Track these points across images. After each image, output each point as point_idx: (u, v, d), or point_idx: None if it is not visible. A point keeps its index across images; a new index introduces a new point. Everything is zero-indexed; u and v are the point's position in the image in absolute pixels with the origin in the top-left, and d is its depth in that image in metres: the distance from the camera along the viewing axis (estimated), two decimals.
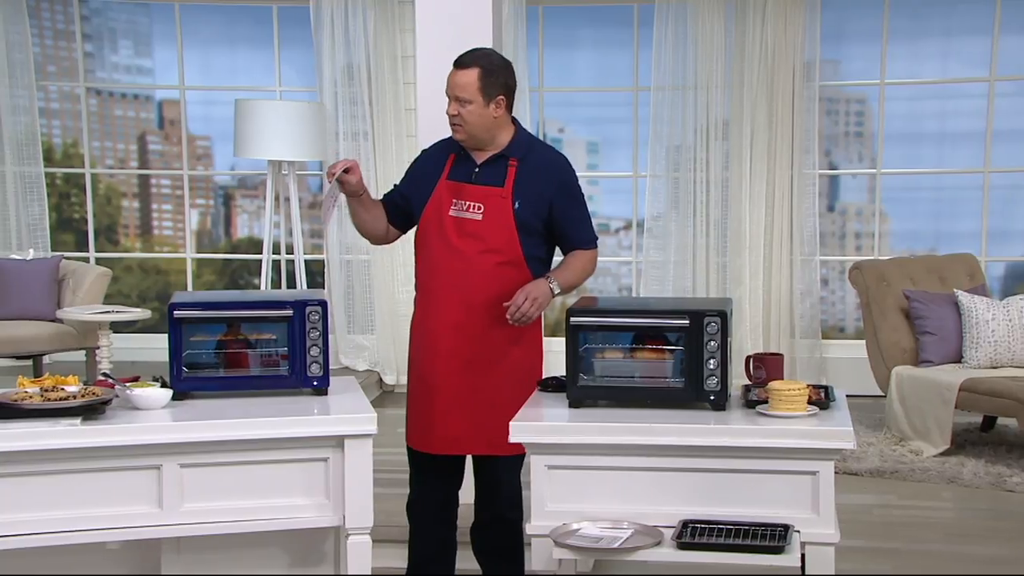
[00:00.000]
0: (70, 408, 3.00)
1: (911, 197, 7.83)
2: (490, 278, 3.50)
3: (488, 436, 3.48)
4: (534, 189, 3.53)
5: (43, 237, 7.97)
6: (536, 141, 3.71)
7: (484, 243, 3.51)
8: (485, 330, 3.51)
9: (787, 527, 2.97)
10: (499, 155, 3.56)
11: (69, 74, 8.22)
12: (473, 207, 3.53)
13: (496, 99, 3.52)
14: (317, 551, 3.43)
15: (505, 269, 3.50)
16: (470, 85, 3.48)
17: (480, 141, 3.56)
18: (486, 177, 3.55)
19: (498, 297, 3.49)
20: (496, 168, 3.55)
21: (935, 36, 7.62)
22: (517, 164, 3.54)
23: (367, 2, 7.51)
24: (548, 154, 3.65)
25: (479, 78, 3.48)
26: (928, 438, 5.90)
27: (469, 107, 3.49)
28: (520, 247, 3.51)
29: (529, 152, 3.58)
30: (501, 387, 3.51)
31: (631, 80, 7.86)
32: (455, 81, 3.51)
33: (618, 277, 8.15)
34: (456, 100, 3.51)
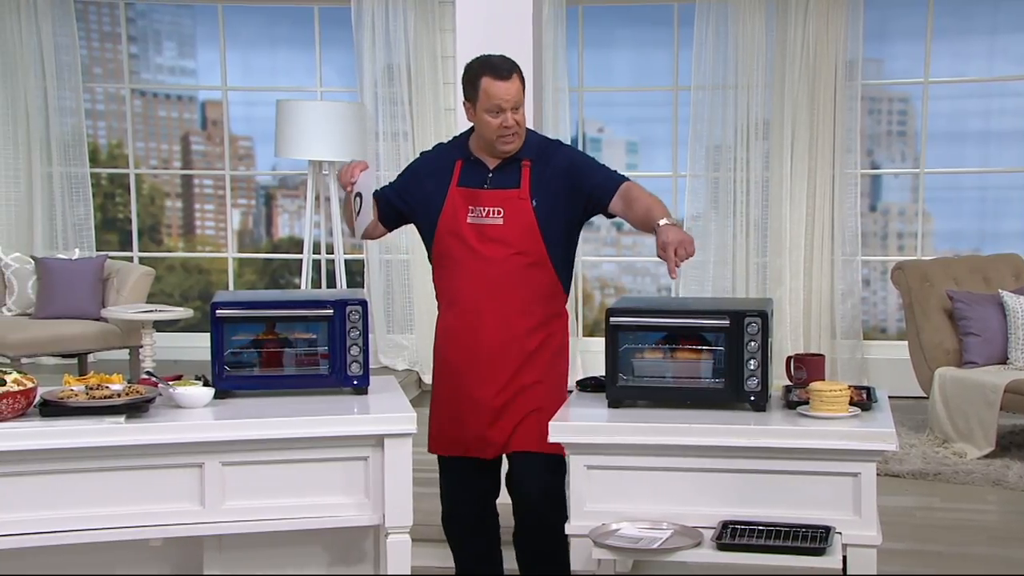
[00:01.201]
0: (114, 406, 3.04)
1: (955, 197, 7.75)
2: (521, 281, 3.48)
3: (529, 436, 3.47)
4: (549, 188, 3.51)
5: (88, 237, 8.07)
6: (540, 138, 3.67)
7: (510, 247, 3.48)
8: (523, 334, 3.49)
9: (828, 529, 2.95)
10: (512, 158, 3.54)
11: (115, 76, 8.32)
12: (493, 212, 3.50)
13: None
14: (357, 550, 3.45)
15: (533, 271, 3.49)
16: (520, 90, 3.49)
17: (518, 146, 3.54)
18: (501, 181, 3.53)
19: (529, 299, 3.48)
20: (510, 171, 3.53)
21: (980, 34, 7.54)
22: (531, 165, 3.53)
23: (407, 3, 7.53)
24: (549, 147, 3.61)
25: (521, 81, 3.50)
26: (972, 440, 5.84)
27: (521, 112, 3.50)
28: (545, 247, 3.49)
29: (540, 152, 3.57)
30: (538, 388, 3.50)
31: (671, 80, 7.84)
32: (508, 93, 3.45)
33: (657, 277, 8.13)
34: (512, 111, 3.47)
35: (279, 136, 7.12)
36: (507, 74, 3.46)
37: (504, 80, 3.45)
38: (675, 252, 3.21)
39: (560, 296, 3.59)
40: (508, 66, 3.49)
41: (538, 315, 3.51)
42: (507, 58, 3.54)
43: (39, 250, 7.80)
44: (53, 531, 2.97)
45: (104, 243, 8.37)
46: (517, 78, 3.48)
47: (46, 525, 2.96)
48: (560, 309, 3.60)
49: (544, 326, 3.52)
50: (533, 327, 3.50)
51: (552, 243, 3.51)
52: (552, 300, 3.56)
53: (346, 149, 7.11)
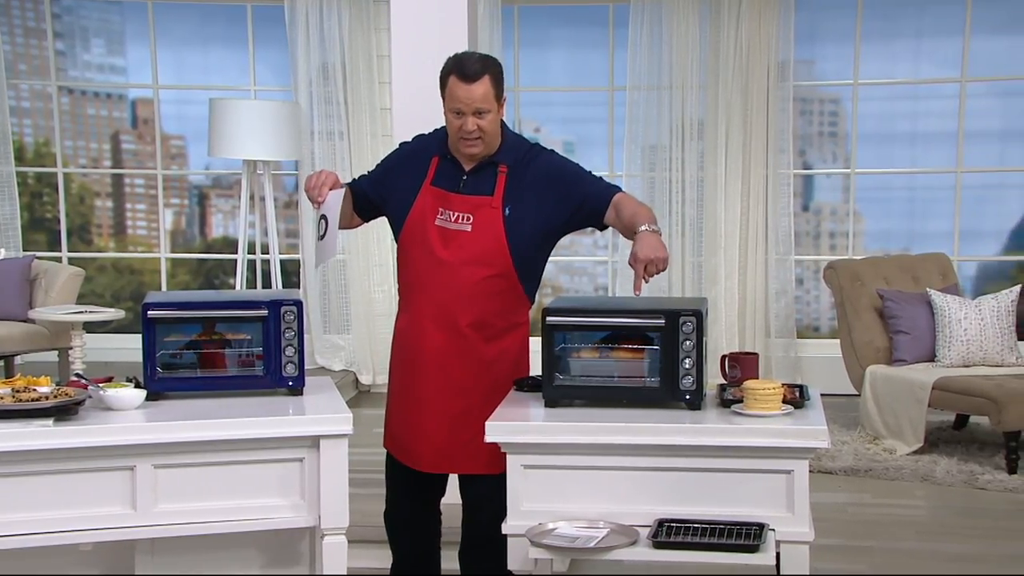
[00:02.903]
0: (42, 409, 2.98)
1: (884, 197, 7.89)
2: (475, 292, 3.35)
3: (473, 455, 3.36)
4: (525, 196, 3.37)
5: (15, 237, 7.90)
6: (522, 142, 3.51)
7: (473, 256, 3.34)
8: (471, 347, 3.38)
9: (762, 526, 2.98)
10: (489, 162, 3.39)
11: (40, 72, 8.16)
12: (462, 218, 3.36)
13: (502, 101, 3.37)
14: (292, 552, 3.42)
15: (495, 282, 3.35)
16: (488, 94, 3.29)
17: (491, 150, 3.39)
18: (475, 186, 3.38)
19: (483, 312, 3.36)
20: (485, 175, 3.38)
21: (907, 37, 7.68)
22: (507, 171, 3.38)
23: (342, 1, 7.49)
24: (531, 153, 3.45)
25: (492, 85, 3.30)
26: (902, 436, 5.94)
27: (488, 117, 3.30)
28: (511, 259, 3.36)
29: (519, 158, 3.41)
30: (486, 405, 3.29)
31: (606, 80, 7.88)
32: (472, 95, 3.27)
33: (594, 276, 8.16)
34: (475, 114, 3.29)
35: (212, 135, 7.04)
36: (472, 77, 3.27)
37: (467, 82, 3.27)
38: (645, 268, 3.15)
39: (523, 306, 3.46)
40: (477, 69, 3.29)
41: (496, 326, 3.40)
42: (484, 60, 3.34)
43: None
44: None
45: (31, 243, 8.21)
46: (486, 82, 3.28)
47: None
48: (522, 319, 3.48)
49: (501, 337, 3.42)
50: (489, 338, 3.40)
51: (520, 254, 3.37)
52: (513, 311, 3.43)
53: (280, 149, 7.05)
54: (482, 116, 3.30)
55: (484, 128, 3.32)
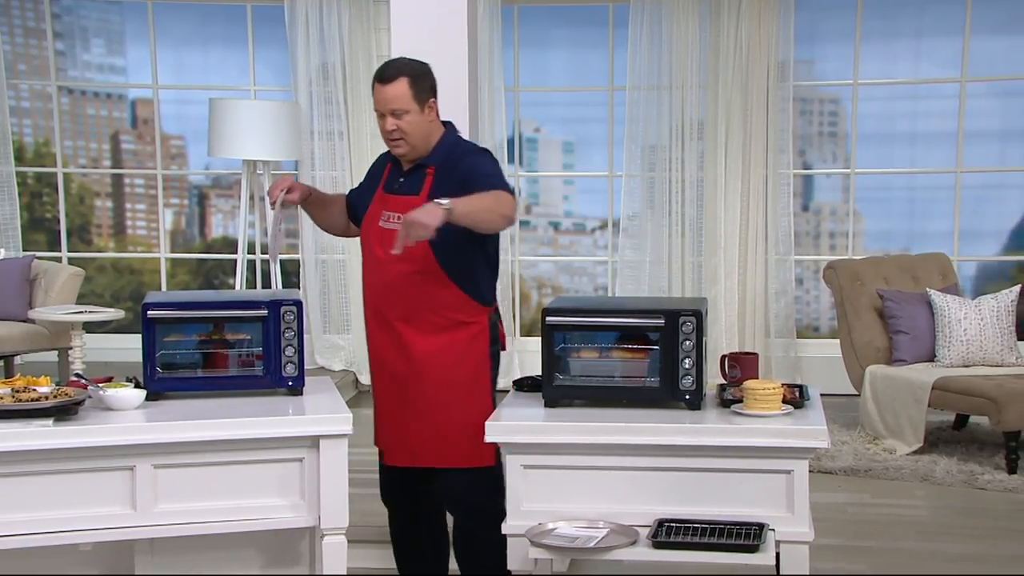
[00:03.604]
0: (42, 409, 2.98)
1: (884, 197, 7.88)
2: (405, 287, 3.43)
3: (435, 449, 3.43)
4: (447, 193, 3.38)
5: (14, 237, 7.90)
6: (459, 145, 3.58)
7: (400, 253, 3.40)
8: (404, 340, 3.45)
9: (762, 526, 2.98)
10: (420, 163, 3.51)
11: (40, 72, 8.16)
12: (394, 218, 3.46)
13: (428, 103, 3.47)
14: (292, 551, 3.42)
15: (423, 279, 3.41)
16: (403, 95, 3.41)
17: (421, 151, 3.49)
18: (407, 187, 3.51)
19: (412, 307, 3.43)
20: (417, 177, 3.50)
21: (907, 37, 7.68)
22: (435, 171, 3.48)
23: (342, 1, 7.49)
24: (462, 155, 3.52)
25: (410, 86, 3.42)
26: (901, 436, 5.94)
27: (407, 118, 3.43)
28: (434, 256, 3.40)
29: (448, 158, 3.49)
30: (433, 399, 3.40)
31: (606, 80, 7.87)
32: (386, 96, 3.41)
33: (594, 277, 8.17)
34: (391, 115, 3.42)
35: (212, 135, 7.03)
36: (387, 79, 3.42)
37: (383, 84, 3.42)
38: (406, 230, 3.16)
39: (466, 307, 3.48)
40: (393, 70, 3.43)
41: (431, 321, 3.44)
42: (402, 62, 3.49)
43: None
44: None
45: (31, 243, 8.21)
46: (402, 84, 3.41)
47: None
48: (468, 319, 3.48)
49: (440, 333, 3.45)
50: (424, 332, 3.44)
51: (445, 253, 3.41)
52: (452, 308, 3.46)
53: (280, 148, 7.05)
54: (399, 117, 3.43)
55: (403, 128, 3.44)
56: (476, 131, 4.95)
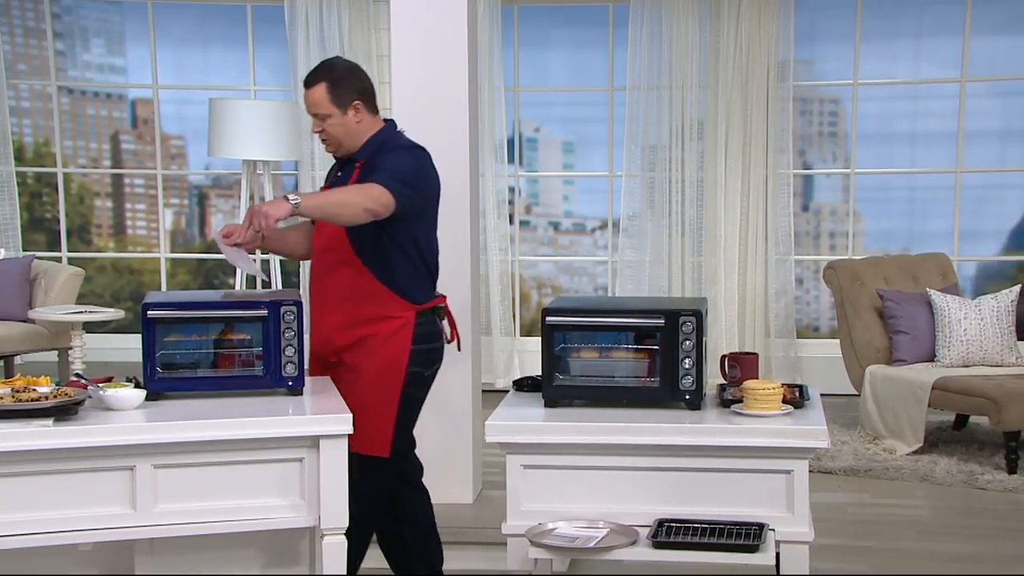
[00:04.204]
0: (42, 409, 2.98)
1: (884, 197, 7.88)
2: (330, 276, 3.57)
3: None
4: None
5: (14, 237, 7.90)
6: (390, 140, 3.66)
7: (325, 242, 3.60)
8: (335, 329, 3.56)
9: (762, 526, 2.98)
10: (352, 158, 3.64)
11: (40, 72, 8.16)
12: None
13: (352, 105, 3.58)
14: (292, 551, 3.42)
15: (343, 269, 3.53)
16: (321, 100, 3.56)
17: (349, 149, 3.63)
18: (341, 180, 3.64)
19: (340, 297, 3.54)
20: (347, 172, 3.64)
21: (907, 37, 7.68)
22: (362, 166, 3.60)
23: (342, 2, 7.49)
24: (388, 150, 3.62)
25: (327, 91, 3.56)
26: (901, 436, 5.94)
27: (330, 121, 3.58)
28: (351, 246, 3.50)
29: (375, 152, 3.60)
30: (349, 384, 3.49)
31: (606, 80, 7.87)
32: (308, 101, 3.59)
33: (594, 277, 8.17)
34: (315, 118, 3.59)
35: (212, 135, 7.03)
36: (308, 84, 3.59)
37: (305, 88, 3.59)
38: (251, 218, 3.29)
39: (388, 301, 3.54)
40: (313, 75, 3.60)
41: (352, 313, 3.53)
42: (326, 66, 3.62)
43: None
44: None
45: (31, 243, 8.21)
46: (321, 88, 3.55)
47: None
48: (389, 314, 3.54)
49: (358, 326, 3.53)
50: (344, 324, 3.54)
51: (361, 244, 3.51)
52: (374, 302, 3.53)
53: (280, 149, 7.04)
54: (323, 120, 3.58)
55: (327, 131, 3.59)
56: (476, 131, 4.96)
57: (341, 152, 3.65)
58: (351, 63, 3.71)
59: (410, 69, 4.76)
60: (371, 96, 3.64)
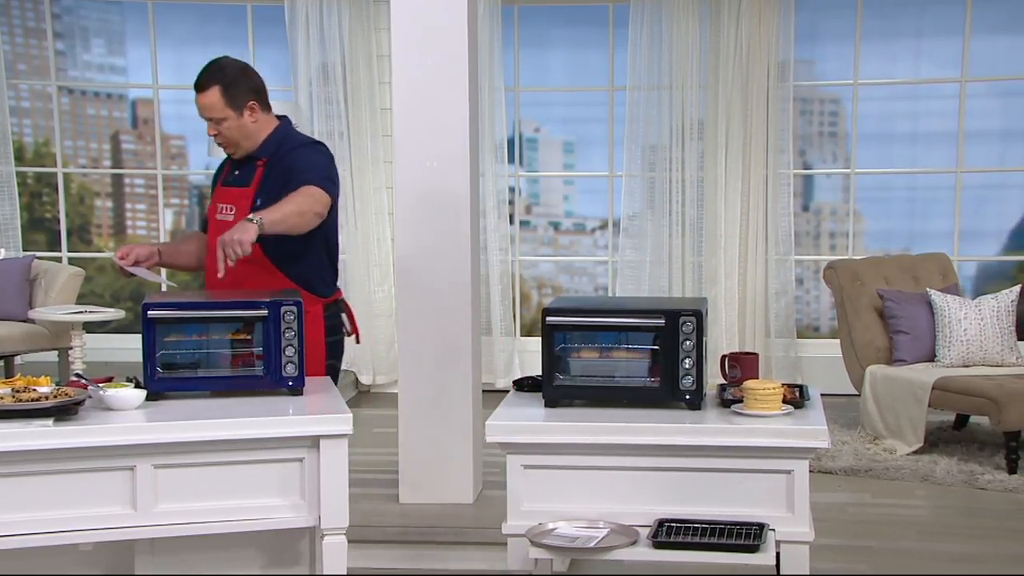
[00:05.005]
0: (42, 409, 2.98)
1: (884, 197, 7.88)
2: (237, 276, 3.53)
3: None
4: (274, 184, 3.59)
5: (14, 237, 7.90)
6: (289, 138, 3.72)
7: None
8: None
9: (762, 526, 2.98)
10: (250, 156, 3.66)
11: (40, 72, 8.16)
12: (227, 209, 3.67)
13: (247, 106, 3.62)
14: (292, 551, 3.42)
15: (250, 268, 3.52)
16: (215, 104, 3.58)
17: (247, 149, 3.66)
18: (240, 179, 3.67)
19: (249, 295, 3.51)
20: (248, 169, 3.67)
21: (907, 37, 7.68)
22: (265, 163, 3.63)
23: (342, 2, 7.49)
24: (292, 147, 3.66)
25: (222, 94, 3.58)
26: (902, 436, 5.94)
27: (225, 124, 3.61)
28: (260, 246, 3.46)
29: (277, 150, 3.65)
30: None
31: (606, 80, 7.87)
32: (201, 105, 3.62)
33: (594, 277, 8.17)
34: (210, 121, 3.61)
35: None
36: (200, 87, 3.60)
37: (197, 92, 3.63)
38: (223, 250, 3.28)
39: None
40: (204, 79, 3.60)
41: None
42: (216, 68, 3.61)
43: None
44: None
45: (31, 243, 8.21)
46: (214, 92, 3.57)
47: None
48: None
49: None
50: None
51: (273, 242, 3.52)
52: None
53: None
54: (218, 123, 3.61)
55: (222, 133, 3.62)
56: (476, 131, 4.96)
57: (239, 153, 3.68)
58: (241, 63, 3.71)
59: (410, 69, 4.76)
60: (264, 94, 3.69)
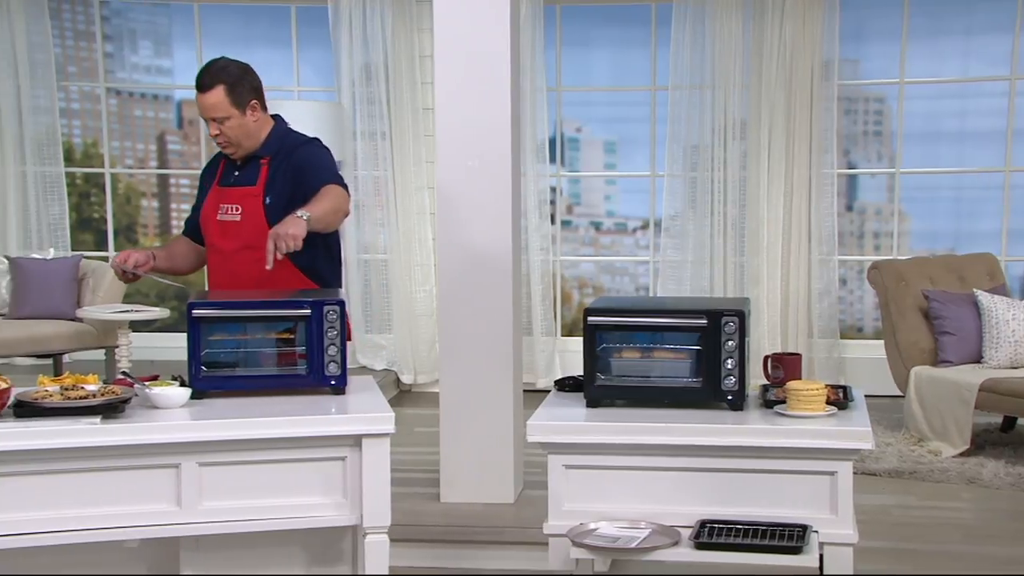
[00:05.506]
0: (90, 407, 3.02)
1: (931, 196, 7.80)
2: (252, 274, 3.59)
3: None
4: (282, 183, 3.64)
5: (63, 236, 8.01)
6: (289, 136, 3.78)
7: (242, 241, 3.64)
8: None
9: (805, 527, 2.96)
10: (254, 155, 3.69)
11: (89, 74, 8.27)
12: (232, 209, 3.68)
13: (249, 105, 3.66)
14: (335, 550, 3.44)
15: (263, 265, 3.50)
16: (220, 103, 3.61)
17: (249, 148, 3.69)
18: (243, 179, 3.69)
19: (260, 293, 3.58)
20: (252, 169, 3.69)
21: (955, 35, 7.59)
22: (268, 161, 3.66)
23: (385, 2, 7.52)
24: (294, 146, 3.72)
25: (226, 93, 3.61)
26: (947, 438, 5.88)
27: (228, 123, 3.63)
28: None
29: (280, 148, 3.69)
30: None
31: (648, 79, 7.85)
32: (205, 104, 3.63)
33: (635, 277, 8.15)
34: (213, 121, 3.63)
35: None
36: (203, 88, 3.62)
37: (200, 92, 3.66)
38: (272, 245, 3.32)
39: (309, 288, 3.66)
40: (208, 79, 3.62)
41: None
42: (219, 67, 3.65)
43: (13, 250, 7.75)
44: (27, 533, 2.94)
45: (79, 243, 8.32)
46: (219, 92, 3.60)
47: (21, 527, 2.94)
48: None
49: None
50: None
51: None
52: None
53: None
54: (222, 122, 3.63)
55: (226, 133, 3.64)
56: (518, 131, 4.96)
57: (240, 153, 3.70)
58: (242, 63, 3.75)
59: (452, 69, 4.78)
60: (263, 94, 3.73)
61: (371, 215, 7.62)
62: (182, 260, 3.91)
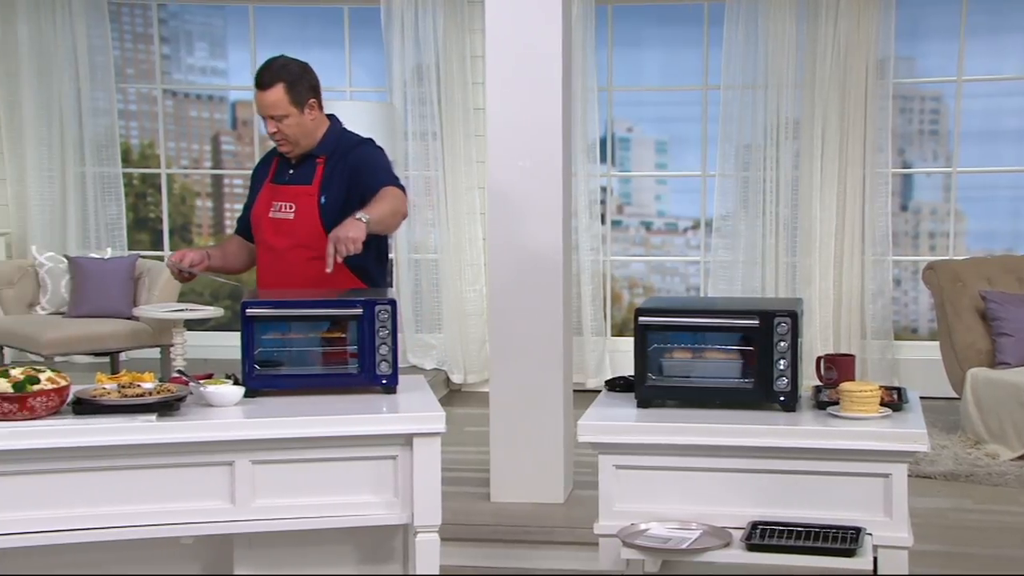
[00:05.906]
0: (146, 404, 3.06)
1: (988, 196, 7.68)
2: (303, 273, 3.60)
3: None
4: (337, 186, 3.65)
5: (120, 236, 8.13)
6: (344, 136, 3.79)
7: (295, 239, 3.64)
8: None
9: (859, 530, 2.94)
10: (309, 154, 3.70)
11: (147, 76, 8.38)
12: (286, 207, 3.69)
13: (308, 104, 3.67)
14: (386, 549, 3.46)
15: (317, 264, 3.52)
16: (280, 101, 3.62)
17: (305, 147, 3.70)
18: (298, 177, 3.70)
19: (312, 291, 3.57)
20: (307, 167, 3.70)
21: (1016, 31, 7.46)
22: (324, 161, 3.67)
23: (437, 2, 7.55)
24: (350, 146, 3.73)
25: (286, 91, 3.62)
26: (1005, 441, 5.79)
27: (287, 121, 3.64)
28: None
29: (336, 148, 3.70)
30: None
31: (700, 79, 7.81)
32: (264, 102, 3.63)
33: (686, 277, 8.11)
34: (272, 119, 3.63)
35: None
36: (264, 85, 3.63)
37: (260, 90, 3.65)
38: (332, 247, 3.33)
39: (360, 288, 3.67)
40: (268, 77, 3.62)
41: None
42: (279, 65, 3.65)
43: (72, 249, 7.87)
44: (86, 528, 2.99)
45: (136, 242, 8.44)
46: (279, 90, 3.61)
47: (79, 522, 2.99)
48: None
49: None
50: None
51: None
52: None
53: None
54: (280, 120, 3.63)
55: (284, 131, 3.65)
56: (569, 131, 4.96)
57: (297, 151, 3.71)
58: (301, 61, 3.76)
59: (504, 70, 4.78)
60: (320, 93, 3.75)
61: (422, 215, 7.65)
62: (235, 259, 3.95)
